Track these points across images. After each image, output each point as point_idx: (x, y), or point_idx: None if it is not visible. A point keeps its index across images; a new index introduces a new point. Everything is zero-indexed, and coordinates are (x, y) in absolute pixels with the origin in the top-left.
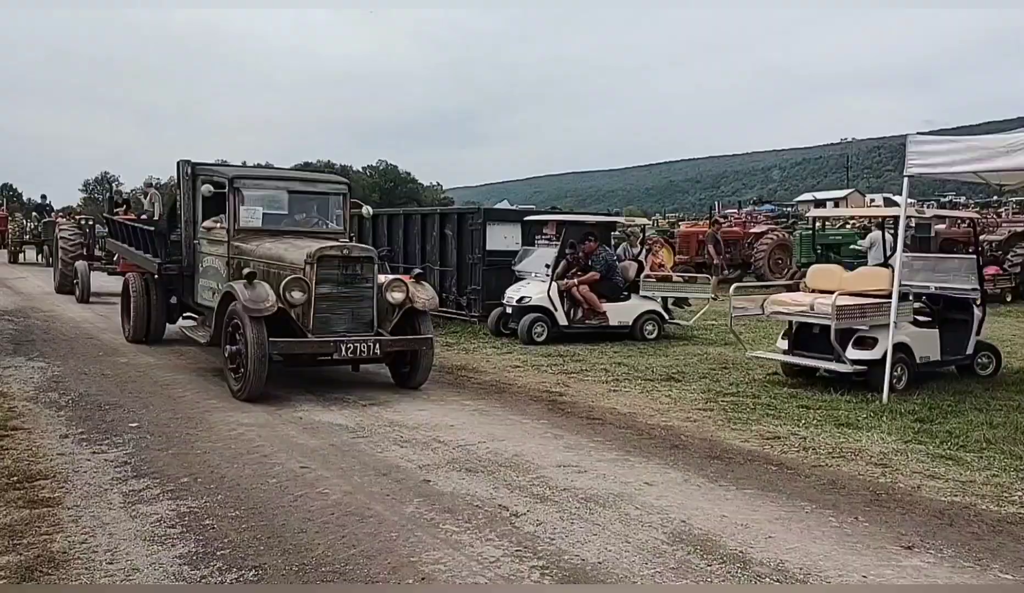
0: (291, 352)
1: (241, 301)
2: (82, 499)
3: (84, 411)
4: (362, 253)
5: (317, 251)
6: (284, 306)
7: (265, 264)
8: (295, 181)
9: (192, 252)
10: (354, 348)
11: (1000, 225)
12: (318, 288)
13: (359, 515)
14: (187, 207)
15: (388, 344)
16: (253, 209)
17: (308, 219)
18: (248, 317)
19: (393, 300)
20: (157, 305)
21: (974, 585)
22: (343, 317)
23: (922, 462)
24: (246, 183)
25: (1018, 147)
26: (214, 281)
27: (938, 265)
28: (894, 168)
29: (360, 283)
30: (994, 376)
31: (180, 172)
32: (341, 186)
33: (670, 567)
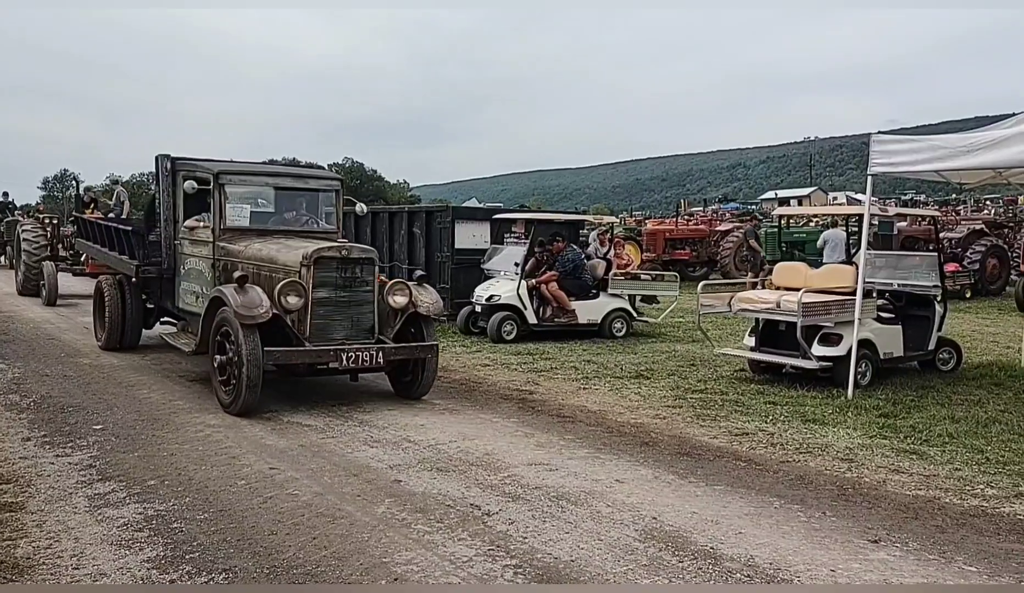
0: (288, 362)
1: (232, 307)
2: (46, 503)
3: (46, 413)
4: (362, 254)
5: (314, 252)
6: (278, 312)
7: (255, 266)
8: (285, 177)
9: (172, 254)
10: (355, 357)
11: (959, 223)
12: (315, 292)
13: (330, 516)
14: (167, 205)
15: (391, 352)
16: (240, 207)
17: (298, 218)
18: (240, 324)
19: (395, 304)
20: (132, 310)
21: (974, 585)
22: (342, 323)
23: (887, 457)
24: (232, 179)
25: (978, 147)
26: (198, 285)
27: (900, 262)
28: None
29: (360, 286)
30: (955, 371)
31: (159, 167)
32: (333, 182)
33: (642, 564)
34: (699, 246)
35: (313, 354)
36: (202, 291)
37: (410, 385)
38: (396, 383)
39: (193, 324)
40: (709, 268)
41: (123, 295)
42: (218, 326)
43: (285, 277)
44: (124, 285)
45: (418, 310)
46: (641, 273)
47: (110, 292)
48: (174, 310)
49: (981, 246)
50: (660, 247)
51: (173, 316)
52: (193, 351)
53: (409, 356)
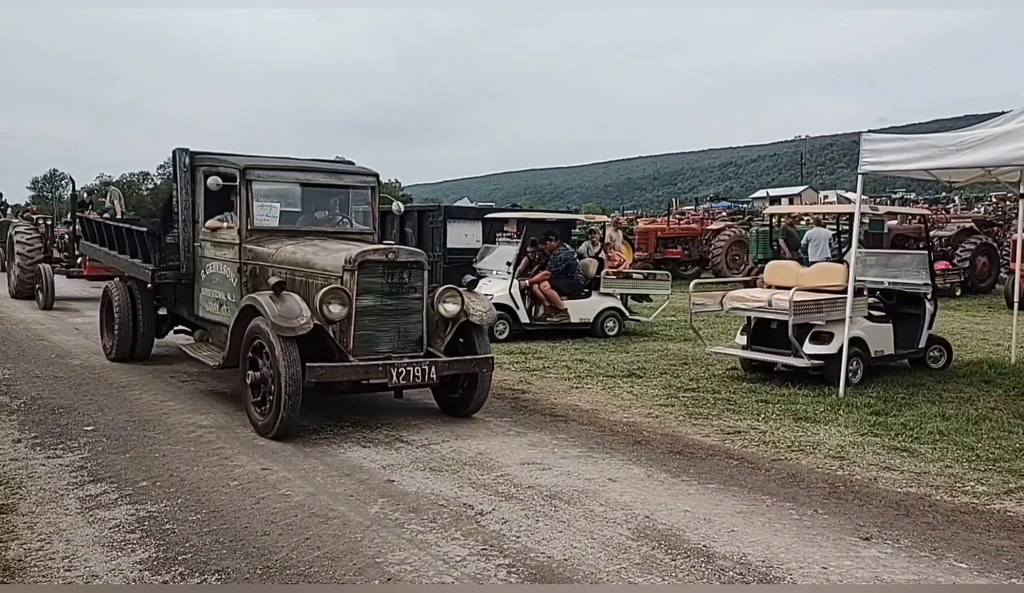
0: (331, 379)
1: (269, 317)
2: (37, 505)
3: (37, 415)
4: (410, 257)
5: (358, 255)
6: (320, 322)
7: (288, 271)
8: (317, 173)
9: (192, 257)
10: (406, 372)
11: (949, 221)
12: (359, 300)
13: (323, 516)
14: (185, 204)
15: (444, 367)
16: (269, 205)
17: (330, 217)
18: (277, 337)
19: (446, 313)
20: (144, 318)
21: (974, 585)
22: (388, 334)
23: (878, 454)
24: (261, 175)
25: (967, 145)
26: (221, 291)
27: (891, 261)
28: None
29: (408, 293)
30: (945, 369)
31: (177, 163)
32: (369, 179)
33: (635, 563)
34: (691, 245)
35: (360, 370)
36: (226, 298)
37: (460, 402)
38: (443, 399)
39: (214, 334)
40: (701, 267)
41: (133, 302)
42: (250, 338)
43: (325, 283)
44: (134, 291)
45: (470, 319)
46: (633, 272)
47: (120, 299)
48: (191, 318)
49: (971, 244)
50: (652, 246)
51: (188, 324)
52: (220, 366)
53: (463, 370)
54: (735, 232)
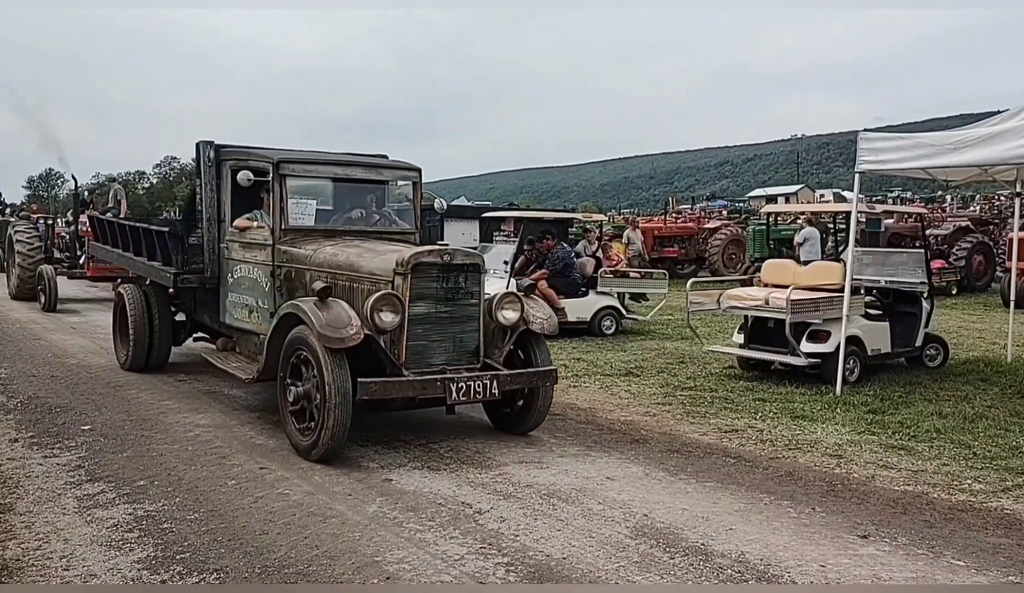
0: (386, 396)
1: (315, 327)
2: (35, 504)
3: (34, 414)
4: (466, 259)
5: (412, 258)
6: (370, 332)
7: (329, 275)
8: (356, 167)
9: (217, 259)
10: (466, 387)
11: (945, 220)
12: (412, 307)
13: (321, 515)
14: (210, 201)
15: (506, 381)
16: (304, 203)
17: (367, 216)
18: (324, 349)
19: (505, 321)
20: (161, 324)
21: (974, 585)
22: (442, 345)
23: (875, 452)
24: (296, 169)
25: (964, 144)
26: (251, 296)
27: (887, 259)
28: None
29: (464, 299)
30: (942, 367)
31: (201, 156)
32: (411, 173)
33: (633, 561)
34: (687, 244)
35: (416, 386)
36: (257, 304)
37: (517, 418)
38: (496, 415)
39: (243, 342)
40: (698, 266)
41: (149, 307)
42: (291, 350)
43: (372, 288)
44: (150, 295)
45: (530, 328)
46: (630, 271)
47: (134, 303)
48: (214, 326)
49: (967, 243)
50: (649, 245)
51: (208, 331)
52: (254, 379)
53: (526, 385)
54: (732, 231)
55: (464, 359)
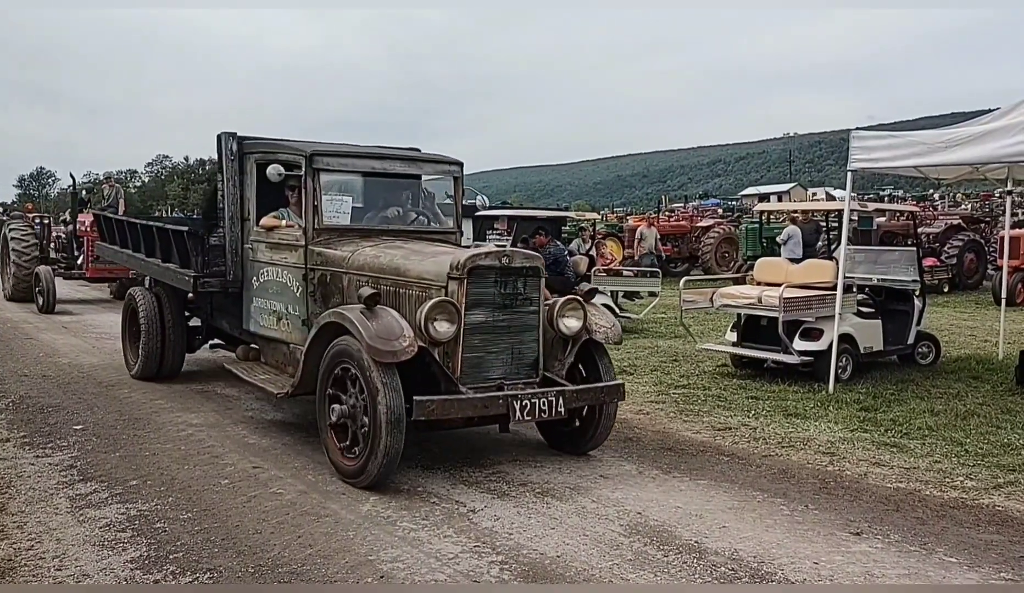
0: (445, 416)
1: (364, 338)
2: (27, 504)
3: (25, 414)
4: (526, 262)
5: (468, 261)
6: (423, 344)
7: (371, 279)
8: (394, 160)
9: (240, 261)
10: (531, 406)
11: (937, 218)
12: (469, 315)
13: (315, 514)
14: (232, 198)
15: (573, 397)
16: (339, 200)
17: (404, 214)
18: (374, 362)
19: (567, 330)
20: (174, 330)
21: (974, 585)
22: (500, 356)
23: (868, 450)
24: (331, 163)
25: (956, 142)
26: (279, 302)
27: (880, 257)
28: (835, 162)
29: (523, 306)
30: (934, 365)
31: (223, 150)
32: (453, 167)
33: (627, 559)
34: (680, 242)
35: (478, 404)
36: (287, 310)
37: (577, 436)
38: (552, 432)
39: (269, 352)
40: (691, 264)
41: (161, 311)
42: (333, 363)
43: (423, 294)
44: (162, 298)
45: (593, 337)
46: (623, 269)
47: (146, 308)
48: (233, 332)
49: (958, 241)
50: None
51: (226, 338)
52: (287, 394)
53: (593, 401)
54: (724, 229)
55: (523, 372)
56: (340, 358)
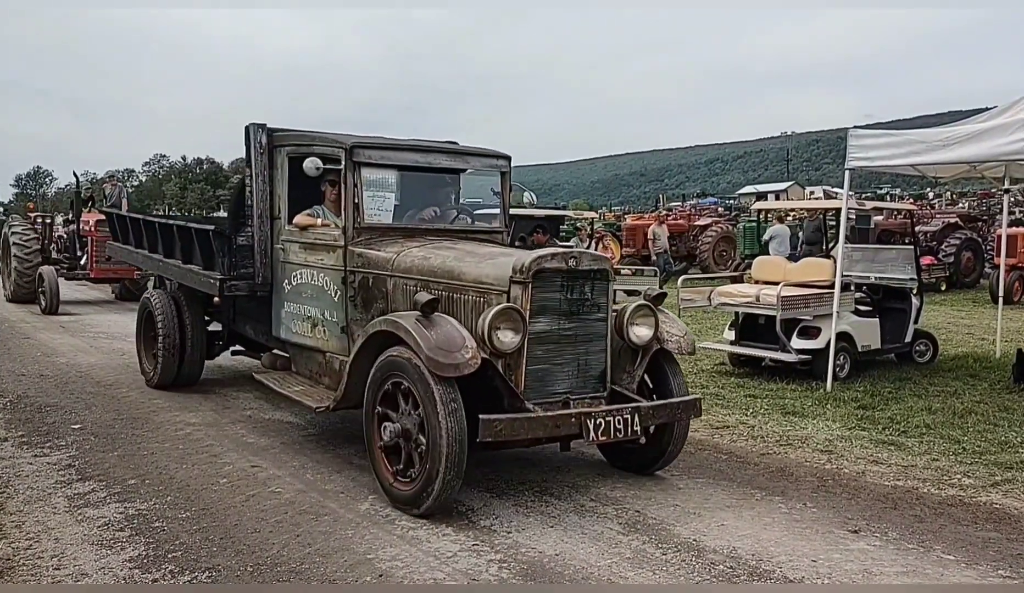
0: (513, 436)
1: (423, 349)
2: (25, 504)
3: (23, 413)
4: (594, 264)
5: (533, 263)
6: (486, 355)
7: (420, 283)
8: (439, 154)
9: (270, 262)
10: (605, 424)
11: (934, 216)
12: (533, 323)
13: (313, 513)
14: (262, 194)
15: (649, 414)
16: (382, 197)
17: (445, 212)
18: (434, 377)
19: (637, 339)
20: (194, 335)
21: (974, 585)
22: (566, 368)
23: (866, 448)
24: (373, 156)
25: (954, 141)
26: (315, 307)
27: (877, 256)
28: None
29: (590, 313)
30: (931, 363)
31: (251, 142)
32: (500, 162)
33: (626, 557)
34: (678, 241)
35: (549, 423)
36: (324, 316)
37: (645, 455)
38: (617, 450)
39: (302, 361)
40: (688, 262)
41: (180, 315)
42: (383, 376)
43: (481, 300)
44: (180, 302)
45: (665, 347)
46: (621, 268)
47: (164, 312)
48: (259, 339)
49: (956, 239)
50: (640, 242)
51: (248, 343)
52: (327, 409)
53: (670, 418)
54: (722, 228)
55: (589, 386)
56: (392, 371)
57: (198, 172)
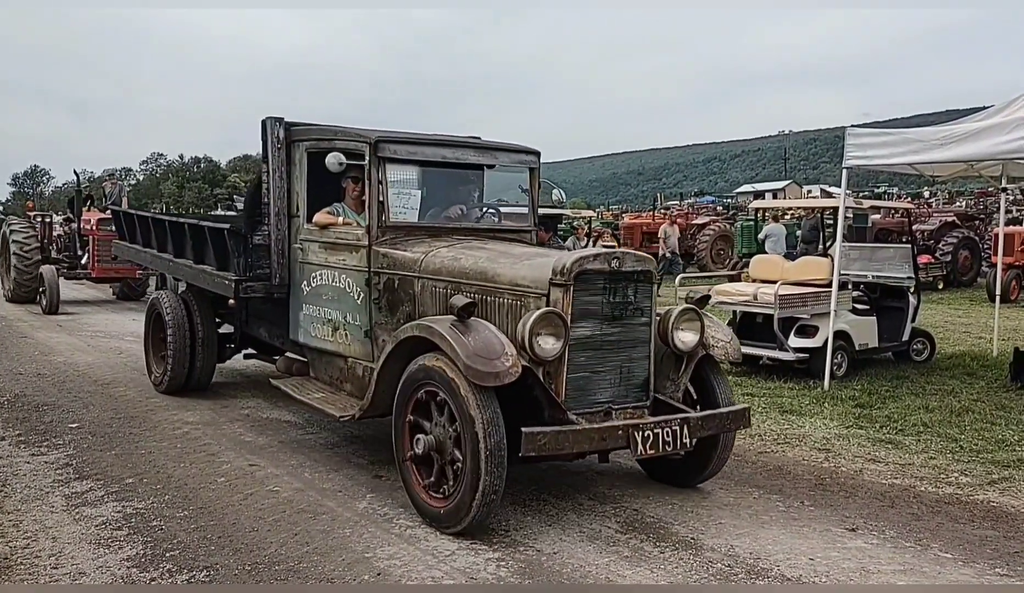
0: (558, 451)
1: (461, 356)
2: (23, 503)
3: (21, 412)
4: (637, 265)
5: (575, 264)
6: (526, 363)
7: (451, 285)
8: (467, 149)
9: (288, 263)
10: (655, 437)
11: (932, 215)
12: (575, 329)
13: (311, 512)
14: (279, 191)
15: (698, 426)
16: (408, 194)
17: (470, 211)
18: (472, 386)
19: (682, 345)
20: (204, 339)
21: (974, 585)
22: (608, 377)
23: (863, 446)
24: (399, 151)
25: (951, 139)
26: (336, 310)
27: (875, 255)
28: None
29: (634, 317)
30: (928, 361)
31: (268, 137)
32: (529, 157)
33: (624, 555)
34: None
35: (595, 436)
36: (345, 319)
37: (688, 467)
38: (657, 462)
39: (321, 366)
40: (686, 261)
41: (190, 318)
42: (414, 385)
43: (518, 304)
44: (190, 303)
45: (711, 353)
46: None
47: (173, 314)
48: (274, 342)
49: (953, 238)
50: (637, 240)
51: (260, 346)
52: (355, 418)
53: (719, 430)
54: (720, 227)
55: (631, 395)
56: (423, 379)
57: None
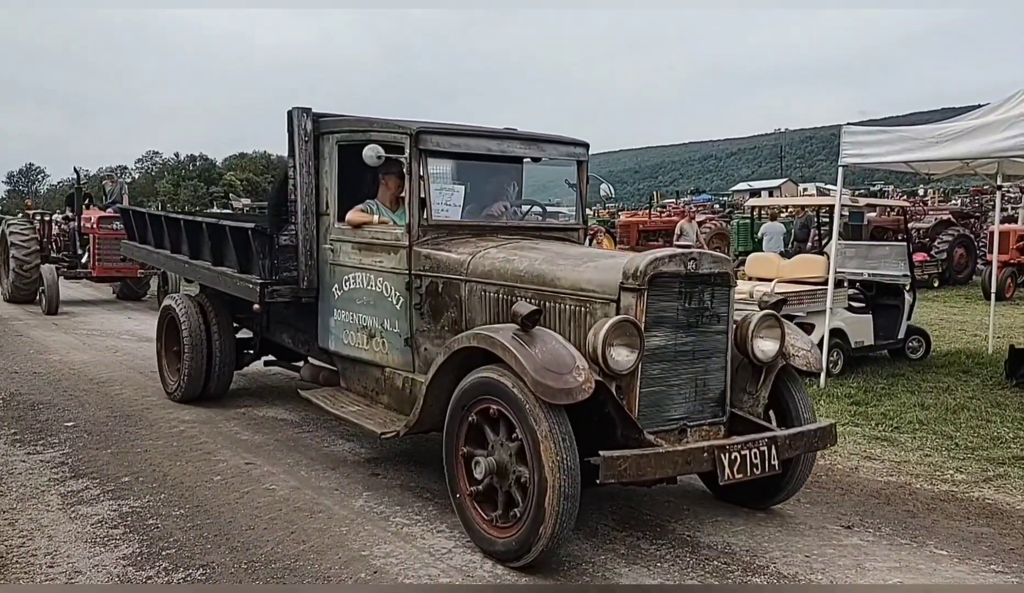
0: (639, 477)
1: (528, 370)
2: (18, 501)
3: (16, 411)
4: (714, 267)
5: (649, 267)
6: (598, 377)
7: (503, 289)
8: (512, 141)
9: (316, 265)
10: (742, 459)
11: (927, 213)
12: (649, 338)
13: (308, 510)
14: (306, 187)
15: (786, 445)
16: (451, 190)
17: (513, 208)
18: (541, 404)
19: (762, 354)
20: (222, 345)
21: (974, 585)
22: (683, 390)
23: (859, 444)
24: (441, 143)
25: (947, 137)
26: (371, 316)
27: (870, 252)
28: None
29: (710, 324)
30: (924, 359)
31: (295, 130)
32: (578, 150)
33: (620, 553)
34: (672, 238)
35: (679, 460)
36: (382, 326)
37: (764, 488)
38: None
39: (354, 376)
40: None
41: (207, 323)
42: (471, 400)
43: (583, 310)
44: (206, 308)
45: (791, 363)
46: None
47: (189, 319)
48: (299, 349)
49: (948, 236)
50: (634, 239)
51: (281, 352)
52: (399, 435)
53: (807, 449)
54: (716, 225)
55: (707, 410)
56: (481, 394)
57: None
